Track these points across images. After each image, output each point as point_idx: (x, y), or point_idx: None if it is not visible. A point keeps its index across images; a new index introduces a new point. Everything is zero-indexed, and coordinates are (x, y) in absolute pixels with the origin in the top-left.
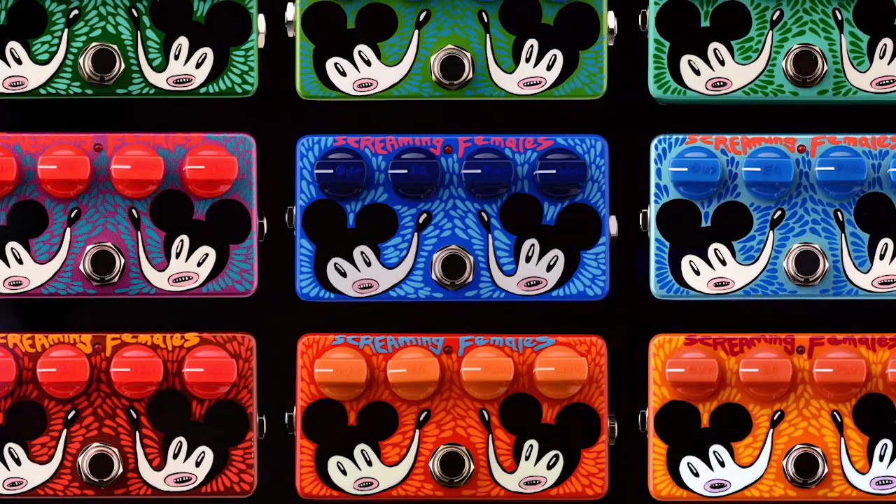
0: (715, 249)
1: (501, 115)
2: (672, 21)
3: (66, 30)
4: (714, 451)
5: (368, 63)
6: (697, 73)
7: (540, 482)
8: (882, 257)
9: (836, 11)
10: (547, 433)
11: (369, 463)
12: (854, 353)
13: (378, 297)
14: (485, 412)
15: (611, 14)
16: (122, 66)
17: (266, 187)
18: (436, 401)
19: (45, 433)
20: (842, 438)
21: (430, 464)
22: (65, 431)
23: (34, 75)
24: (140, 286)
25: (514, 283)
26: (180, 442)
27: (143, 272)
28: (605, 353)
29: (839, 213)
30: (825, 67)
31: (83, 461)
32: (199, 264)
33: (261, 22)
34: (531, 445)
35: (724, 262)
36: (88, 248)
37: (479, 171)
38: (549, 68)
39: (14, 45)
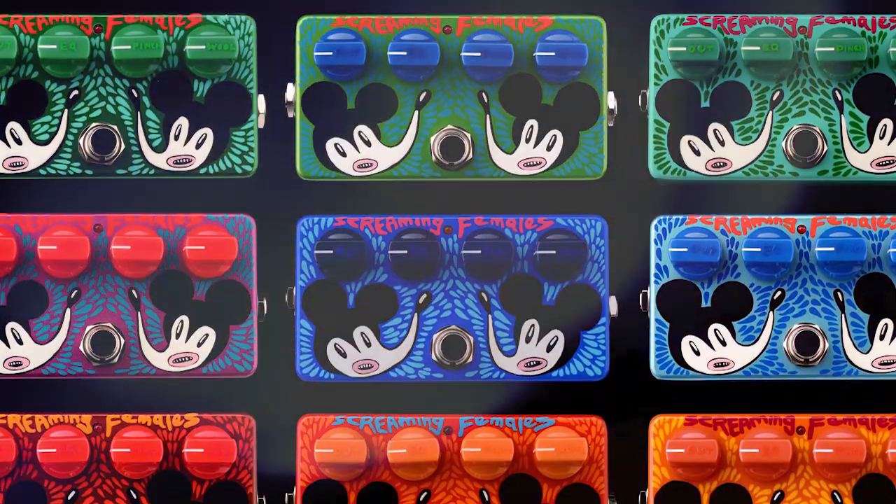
0: (715, 330)
1: (501, 196)
2: (672, 101)
3: (66, 110)
4: None
5: (368, 143)
6: (697, 153)
7: None
8: (882, 338)
9: (836, 92)
10: None
11: None
12: (854, 433)
13: (378, 378)
14: (485, 492)
15: (611, 94)
16: (122, 146)
17: (266, 267)
18: (436, 481)
19: None
20: None
21: None
22: None
23: (34, 156)
24: (140, 367)
25: (514, 363)
26: None
27: (143, 353)
28: (605, 433)
29: (839, 293)
30: (825, 148)
31: None
32: (199, 345)
33: (261, 102)
34: None
35: (724, 343)
36: (88, 328)
37: (479, 251)
38: (549, 149)
39: (14, 126)
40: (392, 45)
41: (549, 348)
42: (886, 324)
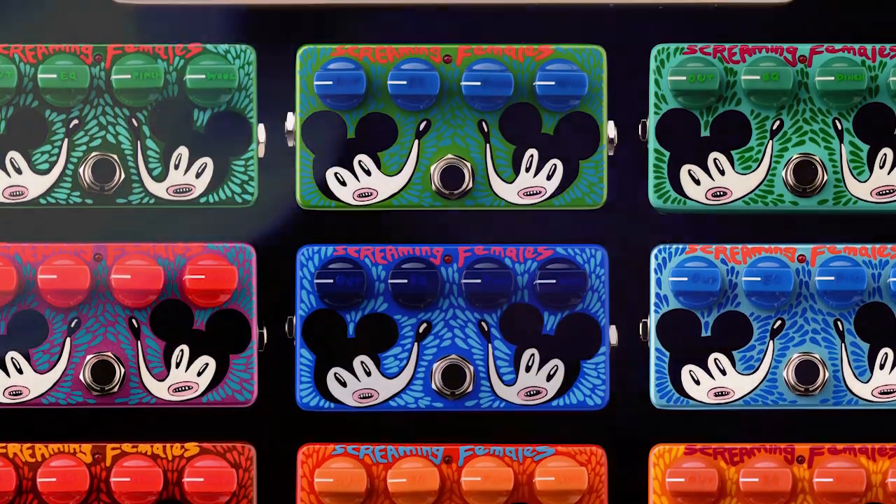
0: (715, 359)
1: (502, 225)
2: (672, 130)
3: (66, 139)
4: None
5: (368, 173)
6: (697, 182)
7: None
8: (882, 367)
9: (836, 121)
10: None
11: None
12: (854, 462)
13: (378, 407)
14: None
15: (611, 123)
16: (122, 175)
17: (266, 297)
18: None
19: None
20: None
21: None
22: None
23: (34, 185)
24: (140, 396)
25: (515, 392)
26: None
27: (143, 382)
28: (605, 462)
29: (839, 322)
30: (825, 177)
31: None
32: (200, 374)
33: (261, 131)
34: None
35: (724, 372)
36: (88, 357)
37: (479, 280)
38: (549, 178)
39: (14, 155)
40: (392, 74)
41: (550, 377)
42: (886, 353)
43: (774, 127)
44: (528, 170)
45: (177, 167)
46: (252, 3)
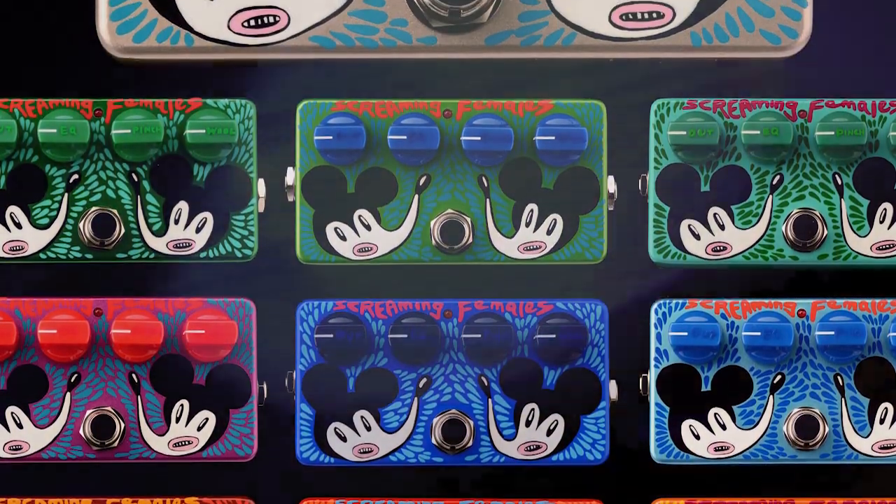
0: (715, 414)
1: (502, 280)
2: (672, 185)
3: (66, 194)
4: None
5: (368, 227)
6: (697, 237)
7: None
8: (882, 422)
9: (836, 176)
10: None
11: None
12: None
13: (378, 462)
14: None
15: (611, 178)
16: (122, 230)
17: (266, 352)
18: None
19: None
20: None
21: None
22: None
23: (34, 240)
24: (140, 450)
25: (515, 447)
26: None
27: (143, 437)
28: None
29: (839, 377)
30: (825, 232)
31: None
32: (200, 428)
33: (261, 186)
34: None
35: (724, 427)
36: (88, 412)
37: (479, 335)
38: (549, 233)
39: (14, 210)
40: (392, 129)
41: (549, 432)
42: (886, 408)
43: (774, 182)
44: (528, 224)
45: (177, 222)
46: (252, 58)
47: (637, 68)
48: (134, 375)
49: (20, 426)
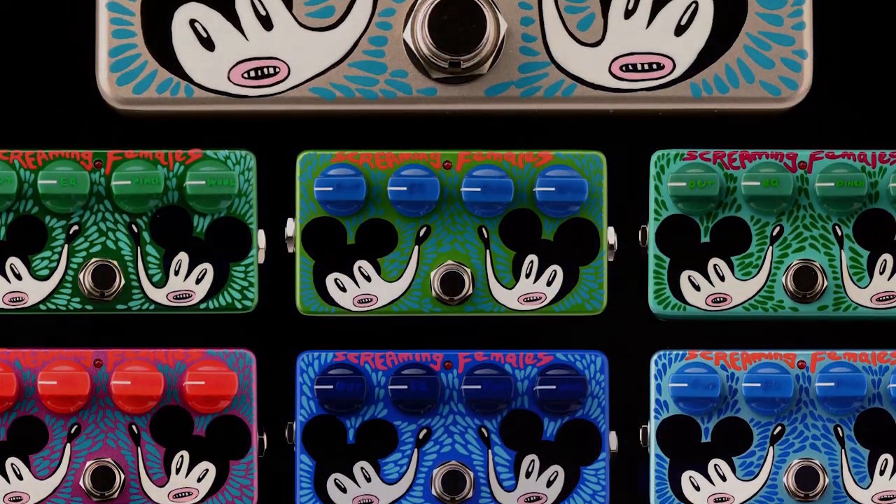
0: (715, 465)
1: (502, 331)
2: (672, 236)
3: (66, 245)
4: None
5: (368, 279)
6: (697, 288)
7: None
8: (882, 473)
9: (836, 227)
10: None
11: None
12: None
13: None
14: None
15: (611, 229)
16: (122, 281)
17: (266, 403)
18: None
19: None
20: None
21: None
22: None
23: (34, 291)
24: (140, 502)
25: (515, 498)
26: None
27: (143, 488)
28: None
29: (839, 428)
30: (825, 283)
31: None
32: (200, 480)
33: (261, 237)
34: None
35: (724, 478)
36: (88, 463)
37: (479, 386)
38: (549, 284)
39: (14, 261)
40: (392, 180)
41: (550, 483)
42: (886, 459)
43: (774, 233)
44: (528, 276)
45: (177, 273)
46: (251, 110)
47: (637, 120)
48: (134, 426)
49: (20, 477)
